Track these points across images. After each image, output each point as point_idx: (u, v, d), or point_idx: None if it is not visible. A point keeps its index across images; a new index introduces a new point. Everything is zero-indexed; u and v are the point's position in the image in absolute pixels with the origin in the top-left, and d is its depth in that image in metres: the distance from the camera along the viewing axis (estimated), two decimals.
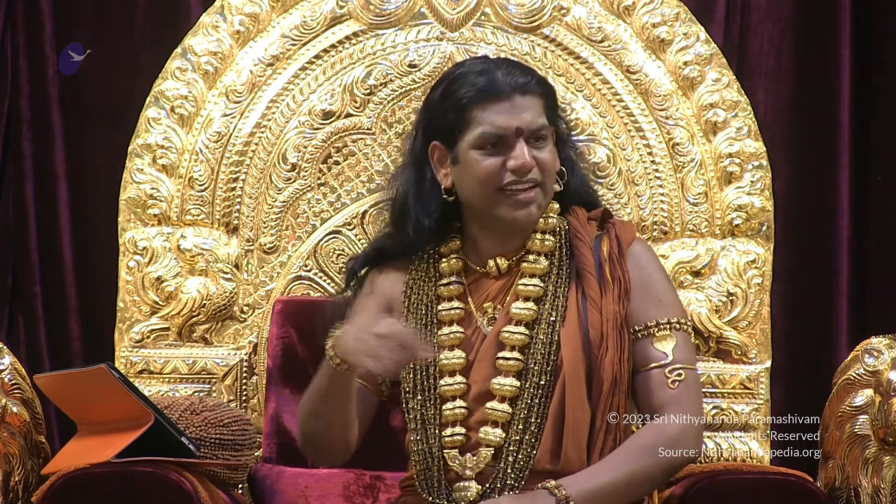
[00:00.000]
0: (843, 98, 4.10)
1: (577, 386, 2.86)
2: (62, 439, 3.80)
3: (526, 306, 2.92)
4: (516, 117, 2.89)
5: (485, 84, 2.90)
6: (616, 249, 2.94)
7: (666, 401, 2.88)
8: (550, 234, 2.97)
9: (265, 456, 3.58)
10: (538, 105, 2.91)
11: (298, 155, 3.70)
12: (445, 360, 2.94)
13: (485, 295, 2.97)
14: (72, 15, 4.13)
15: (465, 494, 2.88)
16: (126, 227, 3.67)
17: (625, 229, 2.99)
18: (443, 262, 3.01)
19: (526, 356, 2.90)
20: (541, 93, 2.92)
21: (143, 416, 3.10)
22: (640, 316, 2.92)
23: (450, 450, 2.91)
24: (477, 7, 3.72)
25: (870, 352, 3.27)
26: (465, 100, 2.91)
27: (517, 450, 2.87)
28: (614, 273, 2.92)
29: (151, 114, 3.68)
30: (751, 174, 3.66)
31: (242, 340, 3.67)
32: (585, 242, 2.95)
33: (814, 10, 4.13)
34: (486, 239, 2.98)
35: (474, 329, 2.96)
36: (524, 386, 2.88)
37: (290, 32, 3.71)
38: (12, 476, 3.28)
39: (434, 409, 2.93)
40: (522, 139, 2.89)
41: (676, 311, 2.96)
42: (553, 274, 2.94)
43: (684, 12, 3.71)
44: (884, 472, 3.21)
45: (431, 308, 2.98)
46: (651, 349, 2.91)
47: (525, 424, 2.87)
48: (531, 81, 2.91)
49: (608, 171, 3.66)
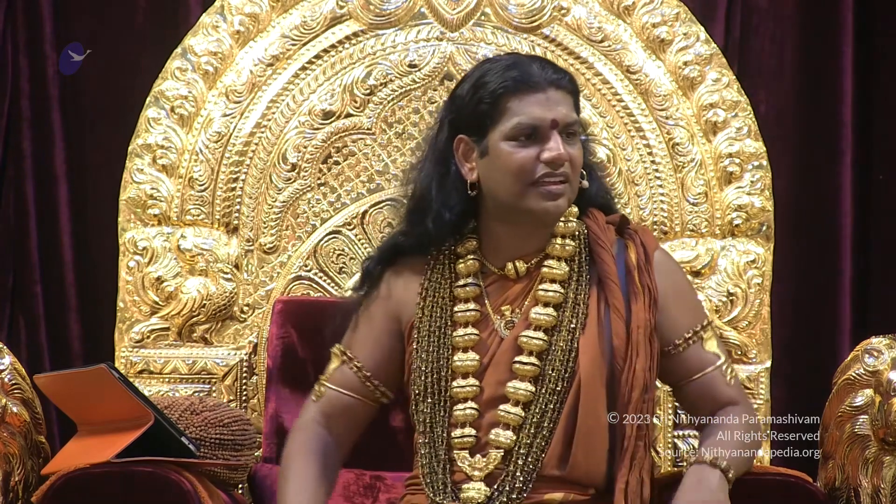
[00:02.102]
0: (845, 98, 4.10)
1: (593, 394, 2.86)
2: (62, 439, 3.80)
3: (546, 312, 2.91)
4: (552, 109, 2.87)
5: (520, 76, 2.89)
6: (643, 257, 2.94)
7: (730, 399, 2.94)
8: (570, 238, 2.95)
9: (265, 456, 3.58)
10: (570, 101, 2.90)
11: (298, 155, 3.70)
12: (459, 362, 2.92)
13: (503, 298, 2.95)
14: (72, 15, 4.13)
15: (471, 496, 2.88)
16: (126, 227, 3.67)
17: (648, 236, 2.99)
18: (459, 262, 2.99)
19: (543, 362, 2.89)
20: (572, 90, 2.92)
21: (143, 416, 3.10)
22: (684, 324, 2.94)
23: (459, 450, 2.91)
24: (477, 7, 3.72)
25: (870, 352, 3.27)
26: (501, 90, 2.88)
27: (527, 453, 2.86)
28: (643, 280, 2.91)
29: (151, 114, 3.69)
30: (751, 174, 3.66)
31: (242, 340, 3.67)
32: (606, 249, 2.94)
33: (815, 9, 4.12)
34: (506, 237, 2.95)
35: (490, 332, 2.94)
36: (540, 391, 2.87)
37: (290, 32, 3.71)
38: (12, 476, 3.28)
39: (444, 410, 2.92)
40: (557, 132, 2.88)
41: (704, 311, 3.04)
42: (573, 280, 2.93)
43: (684, 12, 3.71)
44: (884, 472, 3.20)
45: (447, 309, 2.97)
46: (704, 353, 2.94)
47: (537, 429, 2.86)
48: (565, 77, 2.91)
49: (608, 171, 3.66)
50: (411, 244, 3.02)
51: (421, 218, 2.97)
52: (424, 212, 2.96)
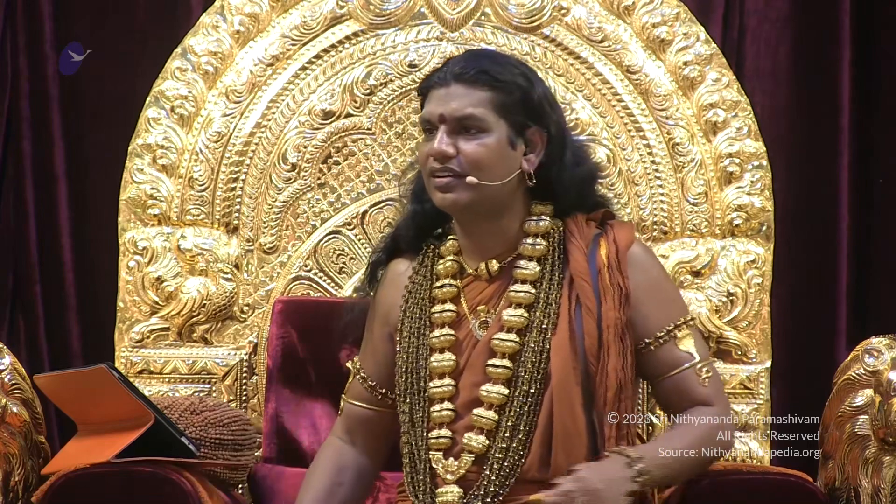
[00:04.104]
0: (843, 98, 4.10)
1: (567, 395, 2.83)
2: (62, 439, 3.80)
3: (517, 313, 2.88)
4: (443, 104, 2.86)
5: (435, 72, 2.91)
6: (615, 254, 2.89)
7: (703, 399, 2.88)
8: (542, 237, 2.92)
9: (265, 456, 3.58)
10: (479, 96, 2.85)
11: (298, 155, 3.70)
12: (436, 362, 2.91)
13: (478, 298, 2.94)
14: (72, 15, 4.13)
15: (448, 499, 2.86)
16: (126, 227, 3.67)
17: (623, 232, 2.93)
18: (439, 263, 2.99)
19: (516, 364, 2.86)
20: (487, 84, 2.85)
21: (143, 416, 3.11)
22: (657, 321, 2.89)
23: (435, 452, 2.90)
24: (477, 7, 3.72)
25: (870, 352, 3.27)
26: (422, 86, 2.93)
27: (503, 457, 2.84)
28: (614, 278, 2.87)
29: (151, 114, 3.69)
30: (751, 174, 3.66)
31: (242, 340, 3.67)
32: (579, 247, 2.90)
33: (813, 11, 4.13)
34: (474, 236, 2.94)
35: (466, 333, 2.93)
36: (513, 394, 2.85)
37: (290, 32, 3.71)
38: (12, 476, 3.28)
39: (423, 411, 2.91)
40: (444, 126, 2.86)
41: (685, 308, 2.96)
42: (545, 280, 2.90)
43: (684, 12, 3.71)
44: (884, 472, 3.20)
45: (426, 310, 2.97)
46: (677, 351, 2.89)
47: (513, 432, 2.84)
48: (471, 71, 2.86)
49: (608, 171, 3.66)
50: (408, 232, 3.03)
51: (421, 199, 3.00)
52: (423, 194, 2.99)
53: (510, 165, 2.88)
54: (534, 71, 2.97)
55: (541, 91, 2.92)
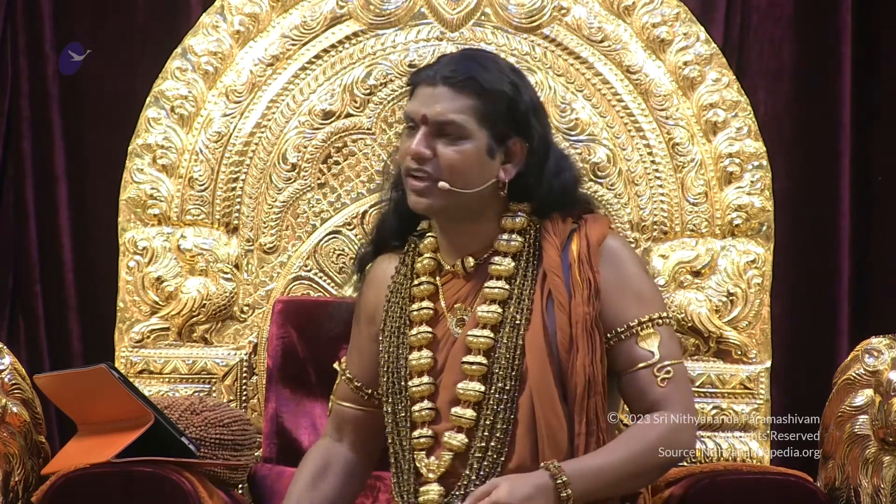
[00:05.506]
0: (843, 98, 4.10)
1: (546, 391, 2.82)
2: (62, 439, 3.80)
3: (491, 309, 2.88)
4: (427, 105, 2.86)
5: (425, 69, 2.92)
6: (586, 249, 2.88)
7: (657, 400, 2.83)
8: (517, 233, 2.92)
9: (265, 456, 3.58)
10: (464, 103, 2.85)
11: (298, 155, 3.70)
12: (414, 360, 2.92)
13: (456, 296, 2.94)
14: (72, 15, 4.13)
15: (431, 497, 2.86)
16: (126, 227, 3.67)
17: (596, 226, 2.91)
18: (418, 261, 2.99)
19: (491, 360, 2.86)
20: (474, 92, 2.85)
21: (143, 416, 3.11)
22: (620, 316, 2.86)
23: (418, 451, 2.90)
24: (477, 7, 3.72)
25: (870, 352, 3.27)
26: (411, 81, 2.93)
27: (483, 456, 2.84)
28: (583, 273, 2.85)
29: (151, 114, 3.69)
30: (751, 174, 3.66)
31: (242, 340, 3.67)
32: (553, 243, 2.89)
33: (814, 10, 4.13)
34: (452, 233, 2.94)
35: (444, 330, 2.93)
36: (489, 391, 2.84)
37: (290, 32, 3.71)
38: (12, 476, 3.28)
39: (405, 410, 2.92)
40: (425, 128, 2.86)
41: (657, 306, 2.90)
42: (519, 276, 2.89)
43: (684, 12, 3.71)
44: (884, 472, 3.20)
45: (405, 308, 2.96)
46: (636, 349, 2.85)
47: (491, 430, 2.83)
48: (459, 76, 2.85)
49: (608, 171, 3.66)
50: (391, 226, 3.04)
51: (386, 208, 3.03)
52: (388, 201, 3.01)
53: (486, 174, 2.88)
54: (524, 78, 2.96)
55: (528, 100, 2.90)
